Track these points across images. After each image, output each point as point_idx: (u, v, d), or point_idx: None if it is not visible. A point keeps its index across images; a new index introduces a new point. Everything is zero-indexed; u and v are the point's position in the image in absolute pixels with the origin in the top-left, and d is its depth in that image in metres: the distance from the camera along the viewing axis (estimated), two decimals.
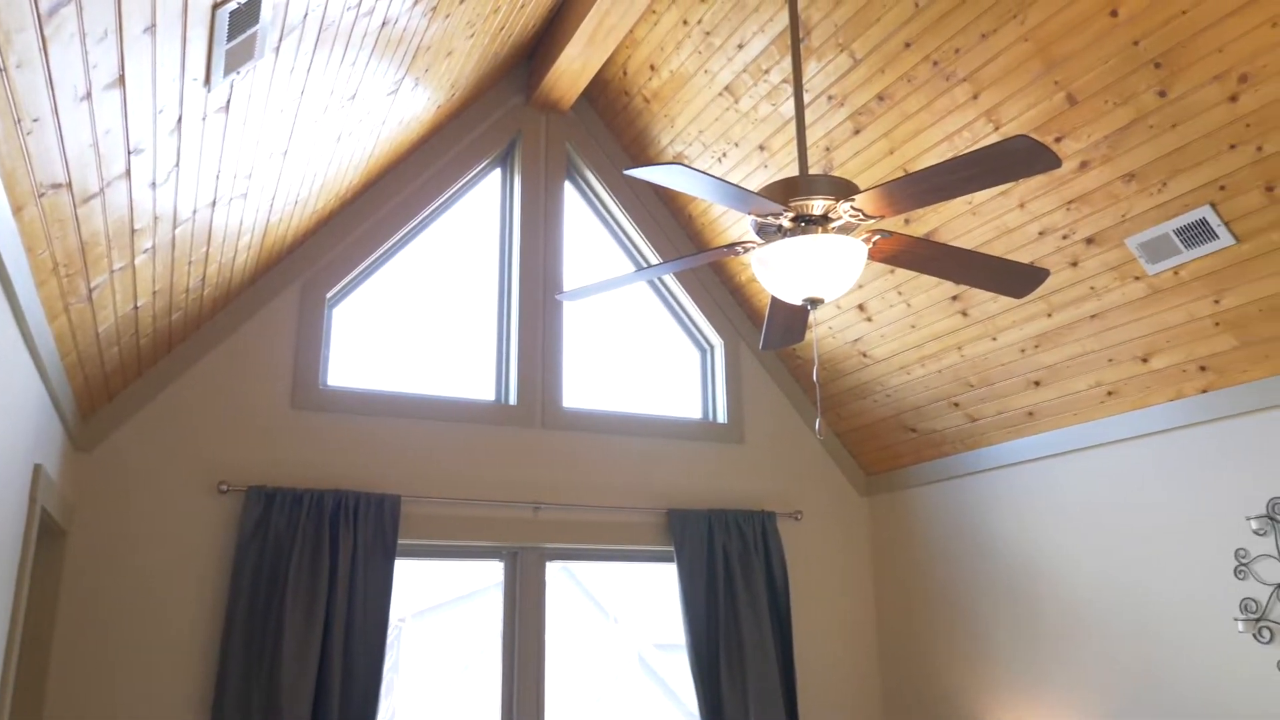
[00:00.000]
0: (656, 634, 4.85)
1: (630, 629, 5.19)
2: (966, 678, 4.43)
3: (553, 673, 4.32)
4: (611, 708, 5.01)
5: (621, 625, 5.25)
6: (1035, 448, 4.18)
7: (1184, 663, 3.50)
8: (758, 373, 5.04)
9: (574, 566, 5.22)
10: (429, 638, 4.90)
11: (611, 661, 5.08)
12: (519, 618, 4.25)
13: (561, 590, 5.19)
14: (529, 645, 4.22)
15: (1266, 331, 3.22)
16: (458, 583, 4.82)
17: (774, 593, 4.62)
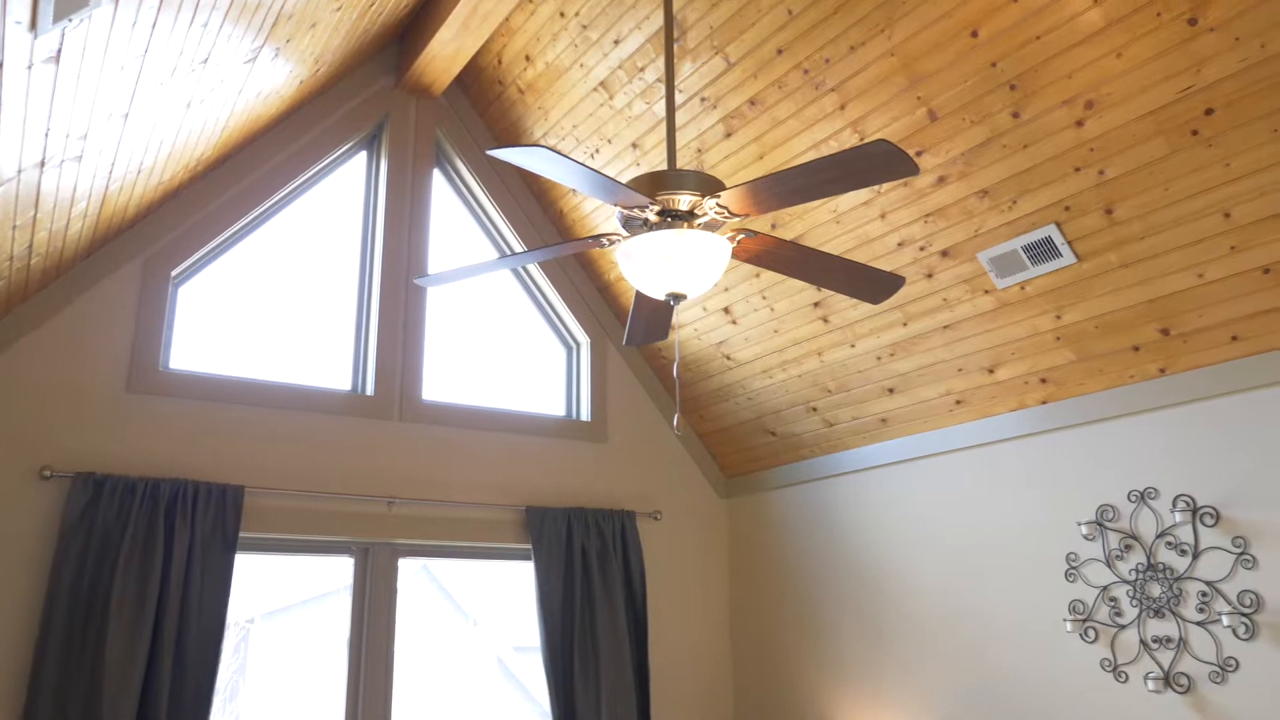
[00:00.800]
0: (516, 637, 4.77)
1: (490, 631, 5.10)
2: (815, 678, 4.51)
3: (408, 675, 4.20)
4: (468, 711, 4.90)
5: (481, 627, 5.16)
6: (888, 453, 4.30)
7: (1017, 661, 3.65)
8: (623, 372, 5.03)
9: (434, 567, 5.09)
10: (279, 639, 4.69)
11: (470, 664, 4.97)
12: (368, 616, 4.10)
13: (420, 591, 5.06)
14: (378, 644, 4.08)
15: (1101, 347, 3.39)
16: (312, 582, 4.63)
17: (631, 592, 4.61)
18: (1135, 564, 3.30)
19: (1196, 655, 3.11)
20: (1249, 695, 2.98)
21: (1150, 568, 3.26)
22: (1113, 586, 3.36)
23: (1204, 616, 3.10)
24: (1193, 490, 3.19)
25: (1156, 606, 3.22)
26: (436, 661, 4.92)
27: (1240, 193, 2.83)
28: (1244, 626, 3.00)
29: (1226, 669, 3.03)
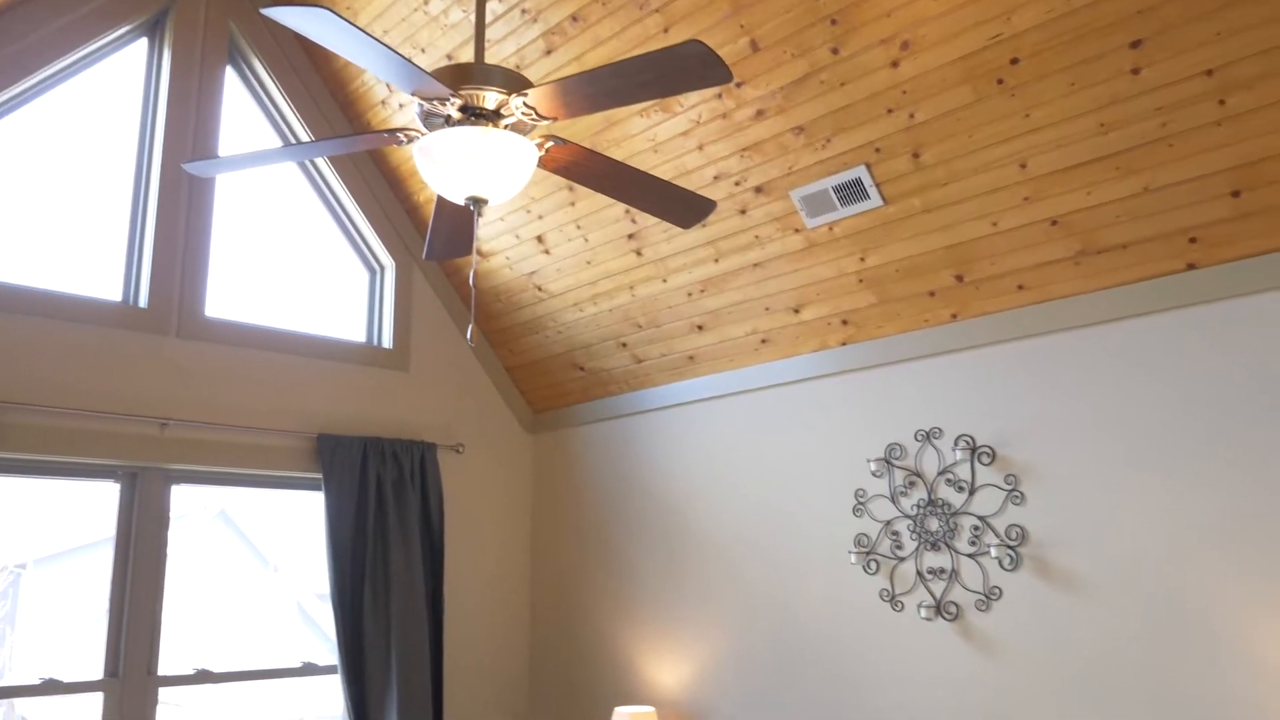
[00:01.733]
0: (318, 584, 4.53)
1: (290, 578, 4.84)
2: (613, 613, 4.52)
3: (203, 621, 3.91)
4: (266, 656, 4.65)
5: (282, 574, 4.89)
6: (694, 391, 4.31)
7: (806, 593, 3.75)
8: (429, 301, 4.82)
9: (233, 513, 4.77)
10: (54, 585, 4.26)
11: (269, 610, 4.70)
12: (135, 546, 3.78)
13: (218, 537, 4.73)
14: (145, 577, 3.77)
15: (900, 291, 3.48)
16: (90, 527, 4.22)
17: (428, 526, 4.46)
18: (917, 500, 3.44)
19: (966, 585, 3.28)
20: (1009, 621, 3.16)
21: (930, 503, 3.40)
22: (895, 521, 3.49)
23: (975, 549, 3.27)
24: (973, 430, 3.34)
25: (933, 540, 3.37)
26: (235, 608, 4.62)
27: (1037, 144, 2.93)
28: (1009, 558, 3.17)
29: (991, 597, 3.21)
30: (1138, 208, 2.88)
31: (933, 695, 3.32)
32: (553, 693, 4.74)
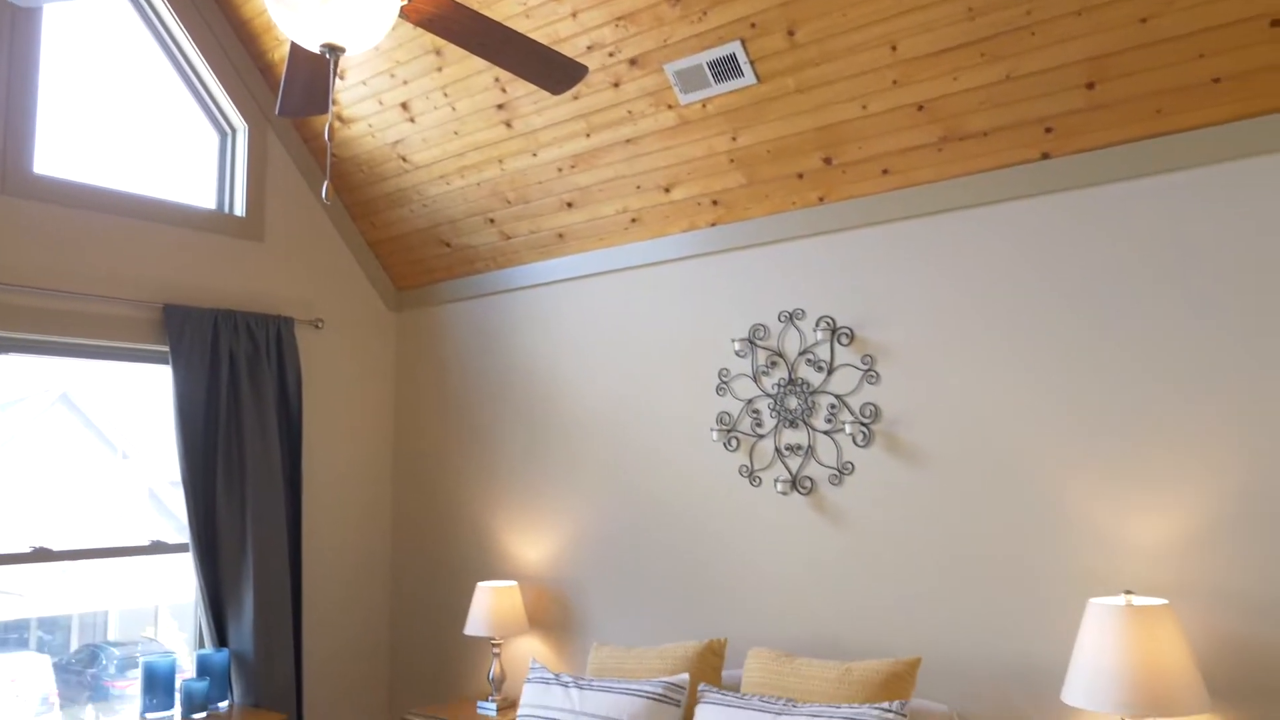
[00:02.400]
0: (170, 471, 4.34)
1: (141, 465, 4.63)
2: (479, 492, 4.53)
3: (44, 500, 3.70)
4: (115, 541, 4.48)
5: (131, 461, 4.67)
6: (563, 269, 4.27)
7: (669, 469, 3.84)
8: (285, 167, 4.57)
9: (76, 397, 4.49)
10: None
11: (119, 497, 4.49)
12: None
13: (61, 423, 4.46)
14: None
15: (770, 173, 3.49)
16: None
17: (285, 403, 4.34)
18: (778, 379, 3.53)
19: (821, 461, 3.41)
20: (859, 494, 3.31)
21: (791, 383, 3.49)
22: (757, 400, 3.58)
23: (830, 426, 3.39)
24: (834, 312, 3.42)
25: (792, 418, 3.48)
26: (79, 490, 4.40)
27: (907, 27, 2.94)
28: (862, 435, 3.31)
29: (844, 472, 3.35)
30: (999, 95, 2.94)
31: (786, 564, 3.47)
32: (416, 570, 4.76)
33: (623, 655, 3.47)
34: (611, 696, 3.17)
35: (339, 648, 4.62)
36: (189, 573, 4.22)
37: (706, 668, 3.29)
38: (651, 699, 3.11)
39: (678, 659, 3.32)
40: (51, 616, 4.42)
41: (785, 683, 3.05)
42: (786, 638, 3.43)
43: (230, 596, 4.09)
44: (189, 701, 3.78)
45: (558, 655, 4.12)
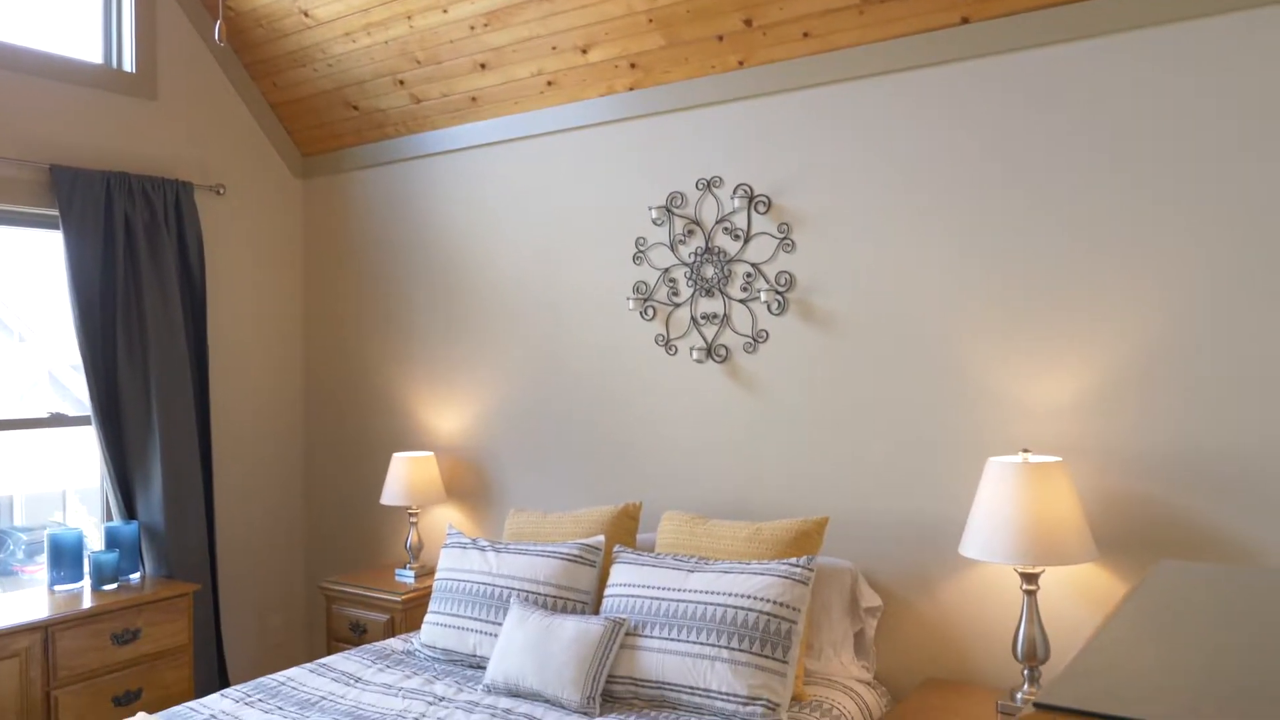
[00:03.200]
0: (71, 354, 4.16)
1: (39, 348, 4.42)
2: (392, 364, 4.47)
3: None
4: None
5: (29, 343, 4.46)
6: (476, 135, 4.13)
7: (585, 339, 3.83)
8: (177, 20, 4.28)
9: None
10: None
11: (17, 381, 4.30)
12: None
13: None
14: None
15: (690, 34, 3.39)
16: None
17: (187, 272, 4.17)
18: (695, 247, 3.51)
19: (736, 329, 3.43)
20: (772, 361, 3.36)
21: (708, 251, 3.48)
22: (673, 269, 3.57)
23: (746, 295, 3.40)
24: (751, 179, 3.40)
25: (708, 286, 3.48)
26: None
27: None
28: (777, 303, 3.33)
29: (758, 340, 3.38)
30: None
31: (701, 431, 3.53)
32: (330, 441, 4.72)
33: (539, 520, 3.52)
34: (527, 559, 3.22)
35: (253, 519, 4.58)
36: (95, 454, 4.11)
37: (622, 531, 3.35)
38: (567, 560, 3.17)
39: (593, 523, 3.38)
40: None
41: (698, 543, 3.13)
42: (700, 502, 3.51)
43: (137, 469, 4.00)
44: (98, 573, 3.73)
45: (476, 523, 4.16)
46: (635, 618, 2.88)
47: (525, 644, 2.91)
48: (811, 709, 2.76)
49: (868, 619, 3.11)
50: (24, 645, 3.27)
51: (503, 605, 3.15)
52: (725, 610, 2.76)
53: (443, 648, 3.23)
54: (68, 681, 3.38)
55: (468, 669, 3.17)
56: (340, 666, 3.20)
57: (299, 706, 2.86)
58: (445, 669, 3.17)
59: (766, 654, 2.69)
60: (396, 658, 3.29)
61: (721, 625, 2.74)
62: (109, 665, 3.50)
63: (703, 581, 2.86)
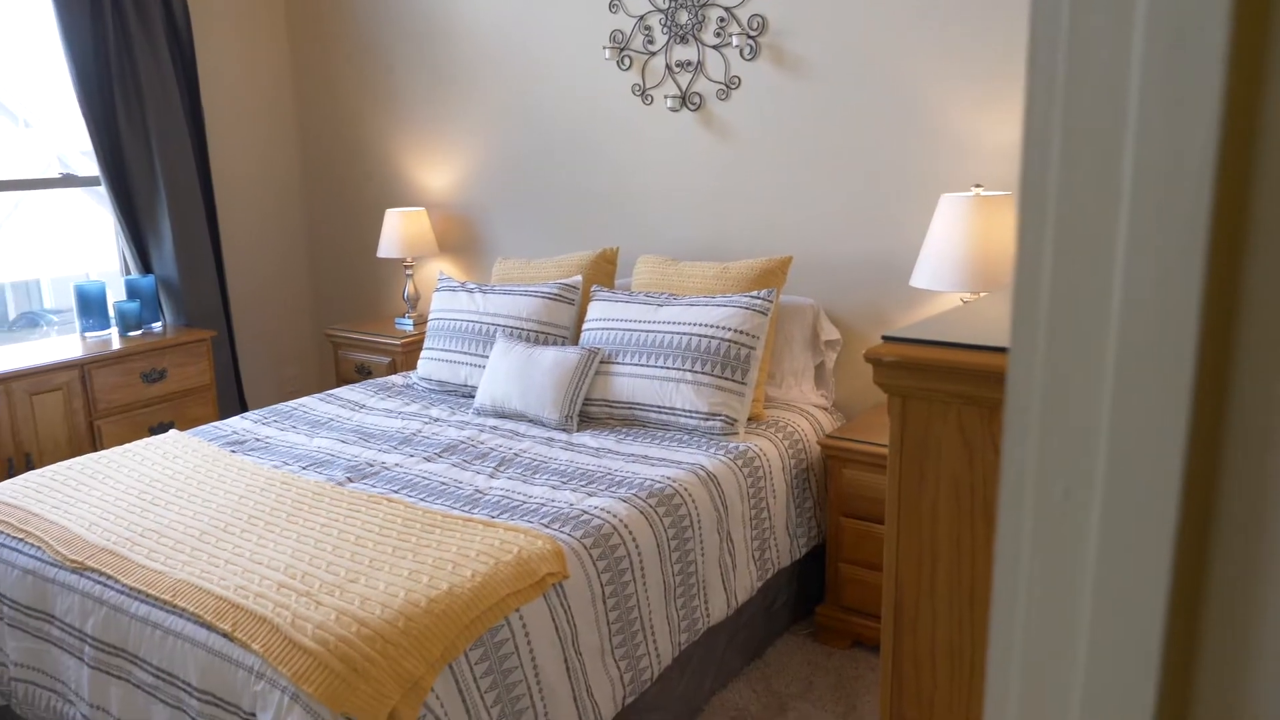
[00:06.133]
0: (82, 141, 4.23)
1: (48, 133, 4.50)
2: (383, 125, 4.56)
3: None
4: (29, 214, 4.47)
5: (35, 129, 4.54)
6: None
7: (564, 91, 3.91)
8: None
9: None
10: None
11: (25, 167, 4.40)
12: None
13: None
14: None
15: None
16: None
17: (175, 35, 4.21)
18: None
19: (709, 76, 3.51)
20: (743, 108, 3.46)
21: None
22: (648, 15, 3.60)
23: (719, 41, 3.45)
24: None
25: (683, 33, 3.52)
26: None
27: None
28: (749, 48, 3.39)
29: (730, 87, 3.47)
30: None
31: (676, 179, 3.67)
32: (327, 199, 4.89)
33: (523, 266, 3.74)
34: (511, 298, 3.46)
35: (260, 273, 4.84)
36: (111, 239, 4.32)
37: (600, 273, 3.57)
38: (547, 298, 3.41)
39: (573, 266, 3.59)
40: None
41: (670, 283, 3.36)
42: (674, 245, 3.71)
43: (148, 226, 4.21)
44: (123, 321, 4.01)
45: (466, 273, 4.39)
46: (609, 348, 3.15)
47: (510, 372, 3.20)
48: (767, 426, 3.07)
49: (828, 352, 3.37)
50: (64, 380, 3.60)
51: (489, 340, 3.42)
52: (690, 339, 3.01)
53: (437, 379, 3.54)
54: (107, 414, 3.74)
55: (460, 397, 3.48)
56: (346, 395, 3.53)
57: (310, 425, 3.20)
58: (440, 397, 3.49)
59: (726, 376, 2.96)
60: (397, 389, 3.61)
61: (686, 352, 3.00)
62: (142, 400, 3.85)
63: (671, 314, 3.11)
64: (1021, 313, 0.37)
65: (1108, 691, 0.35)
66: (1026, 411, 0.36)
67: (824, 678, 2.79)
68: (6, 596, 2.39)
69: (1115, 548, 0.34)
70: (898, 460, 1.23)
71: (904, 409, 1.22)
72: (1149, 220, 0.32)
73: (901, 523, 1.22)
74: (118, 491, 2.60)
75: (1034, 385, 0.36)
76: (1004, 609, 0.38)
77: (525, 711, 1.99)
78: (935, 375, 1.17)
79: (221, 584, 2.01)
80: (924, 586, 1.20)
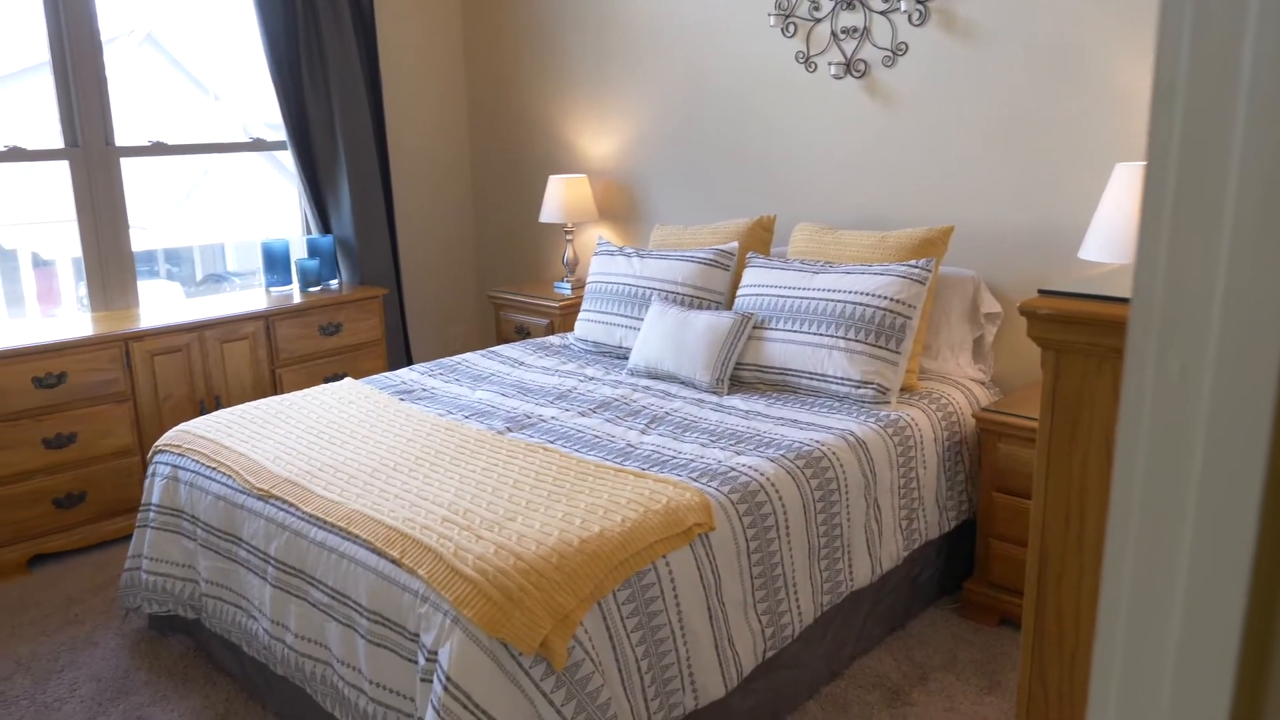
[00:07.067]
0: (269, 114, 4.56)
1: (236, 106, 4.87)
2: (548, 94, 4.69)
3: (158, 96, 4.00)
4: (221, 182, 4.85)
5: (225, 102, 4.92)
6: None
7: (727, 59, 3.93)
8: None
9: (161, 36, 4.66)
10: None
11: (215, 137, 4.79)
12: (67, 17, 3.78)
13: (148, 66, 4.66)
14: (82, 38, 3.82)
15: None
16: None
17: (358, 7, 4.45)
18: None
19: (875, 43, 3.46)
20: (909, 75, 3.39)
21: None
22: None
23: (887, 6, 3.39)
24: None
25: (849, 0, 3.49)
26: (181, 136, 4.70)
27: None
28: (918, 14, 3.32)
29: (897, 53, 3.41)
30: None
31: (837, 147, 3.64)
32: (493, 164, 5.07)
33: (680, 233, 3.80)
34: (668, 262, 3.52)
35: (429, 236, 5.08)
36: (289, 204, 4.63)
37: (756, 241, 3.59)
38: (703, 264, 3.46)
39: (730, 234, 3.62)
40: (175, 249, 4.94)
41: (827, 251, 3.34)
42: (832, 214, 3.68)
43: (329, 190, 4.49)
44: (303, 277, 4.30)
45: (624, 239, 4.48)
46: (763, 314, 3.17)
47: (664, 334, 3.27)
48: (920, 397, 3.03)
49: (987, 325, 3.29)
50: (250, 330, 3.90)
51: (645, 303, 3.50)
52: (845, 306, 3.00)
53: (593, 340, 3.65)
54: (287, 363, 4.03)
55: (614, 358, 3.58)
56: (506, 353, 3.68)
57: (472, 379, 3.36)
58: (595, 358, 3.60)
59: (880, 345, 2.94)
60: (554, 349, 3.75)
61: (840, 319, 2.99)
62: (319, 352, 4.12)
63: (827, 281, 3.10)
64: (1151, 193, 0.39)
65: (1209, 570, 0.37)
66: (1150, 291, 0.38)
67: (968, 652, 2.76)
68: (200, 520, 2.63)
69: (1222, 424, 0.36)
70: (1049, 415, 1.22)
71: (1058, 363, 1.21)
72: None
73: (1050, 477, 1.21)
74: (299, 430, 2.82)
75: (1157, 270, 0.38)
76: (1122, 486, 0.40)
77: (668, 654, 2.06)
78: (1092, 329, 1.16)
79: (391, 515, 2.16)
80: (1071, 542, 1.19)
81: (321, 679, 2.20)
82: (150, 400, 3.62)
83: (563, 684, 1.83)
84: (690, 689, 2.12)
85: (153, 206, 4.48)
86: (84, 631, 2.97)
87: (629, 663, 1.97)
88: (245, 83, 4.69)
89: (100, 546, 3.54)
